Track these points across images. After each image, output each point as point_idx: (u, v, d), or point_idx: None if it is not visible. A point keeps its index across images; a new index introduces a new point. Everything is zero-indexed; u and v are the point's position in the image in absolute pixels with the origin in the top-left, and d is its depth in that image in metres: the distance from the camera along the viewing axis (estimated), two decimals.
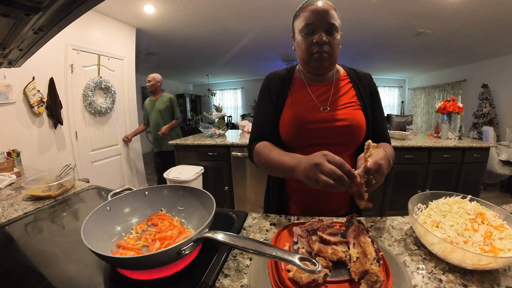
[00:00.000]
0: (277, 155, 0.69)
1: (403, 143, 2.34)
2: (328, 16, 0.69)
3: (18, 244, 0.66)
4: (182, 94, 8.68)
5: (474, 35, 3.52)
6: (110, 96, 2.91)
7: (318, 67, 0.75)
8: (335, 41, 0.71)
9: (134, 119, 3.40)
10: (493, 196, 3.43)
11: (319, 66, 0.74)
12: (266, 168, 0.76)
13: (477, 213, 0.58)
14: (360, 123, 0.76)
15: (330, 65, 0.75)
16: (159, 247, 0.56)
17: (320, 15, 0.69)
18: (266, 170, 0.77)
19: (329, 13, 0.69)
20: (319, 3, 0.70)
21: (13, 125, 2.06)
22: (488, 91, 4.74)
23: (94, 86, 2.69)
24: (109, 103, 2.90)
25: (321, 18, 0.69)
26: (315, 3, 0.70)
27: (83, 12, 0.51)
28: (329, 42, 0.70)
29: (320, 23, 0.69)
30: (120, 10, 2.79)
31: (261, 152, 0.76)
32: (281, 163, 0.66)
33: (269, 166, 0.72)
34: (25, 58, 0.82)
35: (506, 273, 0.47)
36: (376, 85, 0.84)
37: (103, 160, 2.93)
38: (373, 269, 0.42)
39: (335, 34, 0.71)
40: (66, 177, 1.07)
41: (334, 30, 0.70)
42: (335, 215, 0.77)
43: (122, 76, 3.14)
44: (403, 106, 8.22)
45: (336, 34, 0.71)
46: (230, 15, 3.00)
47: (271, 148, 0.74)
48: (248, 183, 2.52)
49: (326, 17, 0.69)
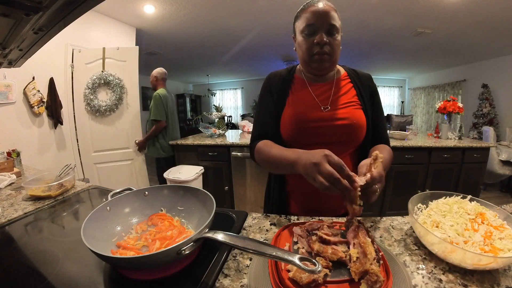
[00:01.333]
0: (278, 150, 0.70)
1: (403, 143, 2.34)
2: (328, 17, 0.69)
3: (18, 244, 0.66)
4: (182, 94, 8.69)
5: (474, 35, 3.52)
6: (116, 93, 2.51)
7: (318, 67, 0.75)
8: (335, 41, 0.72)
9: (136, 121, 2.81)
10: (493, 196, 3.43)
11: (319, 67, 0.75)
12: (268, 165, 0.76)
13: (477, 213, 0.58)
14: (360, 123, 0.76)
15: (330, 65, 0.76)
16: (159, 247, 0.56)
17: (320, 16, 0.69)
18: (267, 167, 0.77)
19: (329, 14, 0.70)
20: (320, 4, 0.70)
21: (13, 125, 2.06)
22: (488, 91, 4.74)
23: (93, 83, 2.44)
24: (113, 101, 2.51)
25: (321, 19, 0.70)
26: (316, 4, 0.71)
27: (83, 12, 0.51)
28: (329, 43, 0.71)
29: (321, 24, 0.70)
30: (120, 10, 2.79)
31: (262, 150, 0.77)
32: (282, 158, 0.67)
33: (270, 162, 0.73)
34: (25, 58, 0.82)
35: (506, 273, 0.47)
36: (376, 86, 0.85)
37: (108, 163, 2.65)
38: (373, 269, 0.42)
39: (336, 35, 0.72)
40: (66, 177, 1.06)
41: (335, 31, 0.71)
42: (335, 214, 0.78)
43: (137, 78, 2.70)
44: (403, 106, 8.22)
45: (337, 35, 0.72)
46: (230, 15, 3.00)
47: (272, 145, 0.75)
48: (248, 183, 2.52)
49: (327, 18, 0.69)
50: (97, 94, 2.51)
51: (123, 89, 2.56)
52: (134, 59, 2.64)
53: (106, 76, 2.47)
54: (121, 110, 2.61)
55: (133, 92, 2.67)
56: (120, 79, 2.55)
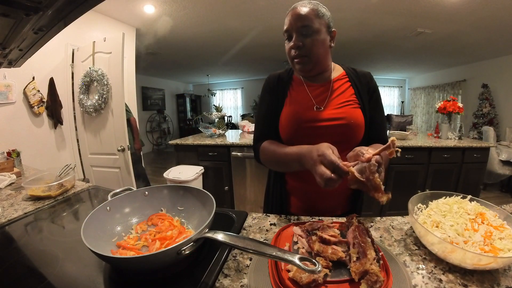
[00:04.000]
0: (283, 148, 0.72)
1: (403, 143, 2.34)
2: (302, 19, 0.70)
3: (18, 244, 0.66)
4: (182, 94, 8.69)
5: (474, 35, 3.52)
6: (98, 91, 2.17)
7: (301, 69, 0.76)
8: (313, 42, 0.71)
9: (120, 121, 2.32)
10: (493, 196, 3.43)
11: (301, 69, 0.76)
12: (274, 164, 0.77)
13: (477, 213, 0.58)
14: (357, 122, 0.76)
15: (313, 66, 0.75)
16: (159, 247, 0.56)
17: (294, 19, 0.71)
18: (274, 166, 0.79)
19: (303, 16, 0.70)
20: (296, 8, 0.72)
21: (13, 125, 2.06)
22: (488, 91, 4.74)
23: (82, 81, 2.26)
24: (96, 100, 2.18)
25: (295, 22, 0.71)
26: (293, 8, 0.72)
27: (83, 12, 0.51)
28: (304, 45, 0.71)
29: (294, 27, 0.71)
30: (120, 10, 2.79)
31: (267, 150, 0.78)
32: (288, 155, 0.68)
33: (277, 161, 0.74)
34: (25, 58, 0.82)
35: (506, 273, 0.47)
36: (376, 84, 0.84)
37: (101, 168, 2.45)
38: (373, 269, 0.42)
39: (313, 35, 0.70)
40: (66, 177, 1.07)
41: (310, 31, 0.70)
42: (335, 213, 0.78)
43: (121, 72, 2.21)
44: (403, 106, 8.22)
45: (314, 34, 0.71)
46: (230, 15, 3.00)
47: (277, 144, 0.77)
48: (248, 183, 2.52)
49: (300, 21, 0.70)
50: (88, 94, 2.29)
51: (107, 86, 2.18)
52: (119, 48, 2.17)
53: (91, 73, 2.21)
54: (106, 110, 2.24)
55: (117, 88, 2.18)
56: (104, 75, 2.18)
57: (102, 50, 2.27)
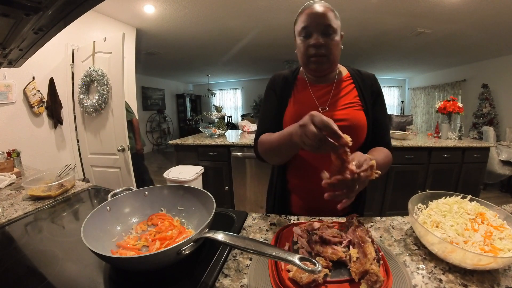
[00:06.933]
0: (277, 133, 0.69)
1: (403, 143, 2.34)
2: (323, 18, 0.70)
3: (18, 244, 0.66)
4: (182, 94, 8.69)
5: (474, 35, 3.52)
6: (99, 91, 2.19)
7: (316, 69, 0.75)
8: (332, 42, 0.71)
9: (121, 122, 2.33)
10: (493, 196, 3.43)
11: (317, 68, 0.75)
12: (271, 152, 0.74)
13: (477, 213, 0.58)
14: (360, 124, 0.76)
15: (329, 66, 0.76)
16: (159, 247, 0.56)
17: (315, 18, 0.70)
18: (271, 154, 0.75)
19: (325, 16, 0.70)
20: (315, 6, 0.71)
21: (13, 125, 2.06)
22: (488, 91, 4.74)
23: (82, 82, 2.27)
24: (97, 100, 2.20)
25: (316, 21, 0.70)
26: (311, 6, 0.72)
27: (83, 12, 0.51)
28: (325, 44, 0.71)
29: (316, 25, 0.70)
30: (120, 10, 2.79)
31: (264, 140, 0.76)
32: (281, 136, 0.66)
33: (272, 147, 0.71)
34: (25, 58, 0.82)
35: (506, 273, 0.47)
36: (380, 86, 0.84)
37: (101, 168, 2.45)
38: (373, 269, 0.42)
39: (332, 35, 0.71)
40: (66, 177, 1.07)
41: (331, 31, 0.70)
42: (335, 214, 0.78)
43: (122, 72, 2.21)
44: (403, 106, 8.22)
45: (334, 35, 0.71)
46: (230, 15, 3.00)
47: (272, 133, 0.74)
48: (248, 183, 2.52)
49: (322, 19, 0.70)
50: (88, 94, 2.31)
51: (107, 86, 2.19)
52: (119, 48, 2.18)
53: (91, 72, 2.22)
54: (107, 110, 2.26)
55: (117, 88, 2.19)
56: (104, 75, 2.19)
57: (102, 50, 2.28)
